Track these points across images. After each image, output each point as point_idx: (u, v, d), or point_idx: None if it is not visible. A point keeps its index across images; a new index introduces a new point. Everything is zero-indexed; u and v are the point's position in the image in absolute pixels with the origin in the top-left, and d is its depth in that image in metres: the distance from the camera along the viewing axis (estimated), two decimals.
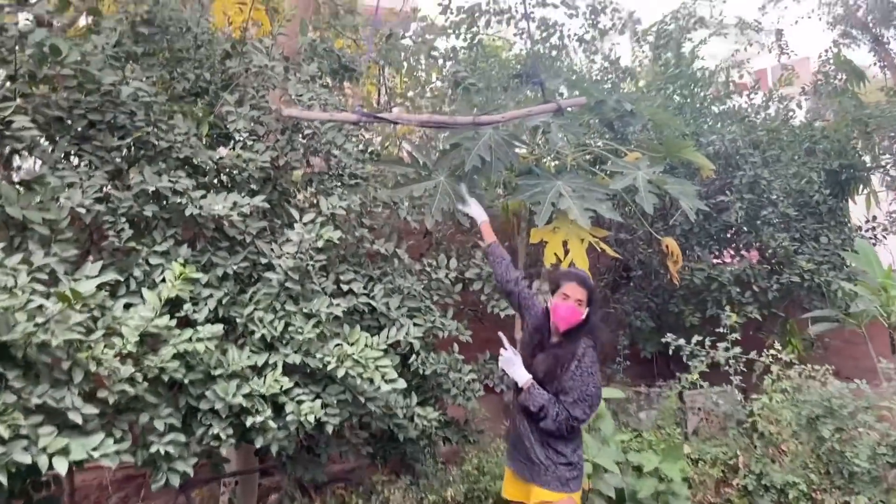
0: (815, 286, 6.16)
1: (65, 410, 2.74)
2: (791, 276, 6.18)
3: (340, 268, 4.50)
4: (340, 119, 3.79)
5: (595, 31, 7.28)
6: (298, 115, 3.76)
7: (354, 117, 3.68)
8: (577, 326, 3.23)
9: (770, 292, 6.32)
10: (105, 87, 3.83)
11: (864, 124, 6.86)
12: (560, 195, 5.20)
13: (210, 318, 3.76)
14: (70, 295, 2.68)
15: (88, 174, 3.74)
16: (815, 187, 6.39)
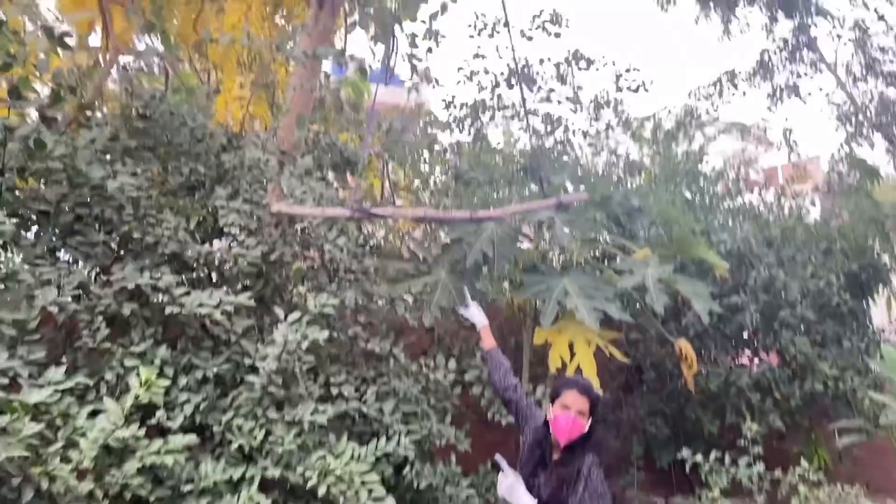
0: (840, 394, 5.78)
1: None
2: (814, 383, 5.82)
3: (331, 369, 4.24)
4: (332, 214, 3.64)
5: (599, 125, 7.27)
6: (288, 211, 3.62)
7: (347, 212, 3.53)
8: (580, 440, 2.92)
9: (793, 400, 5.94)
10: (94, 181, 3.73)
11: (881, 224, 6.64)
12: (566, 293, 4.98)
13: (185, 425, 3.50)
14: (19, 407, 2.44)
15: (69, 270, 3.58)
16: (833, 289, 6.12)
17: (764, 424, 5.74)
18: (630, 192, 5.47)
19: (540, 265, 5.34)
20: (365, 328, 4.70)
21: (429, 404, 4.53)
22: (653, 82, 7.13)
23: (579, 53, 6.92)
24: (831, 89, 9.99)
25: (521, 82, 5.53)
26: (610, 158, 7.49)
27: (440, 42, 6.59)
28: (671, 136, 7.69)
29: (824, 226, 6.85)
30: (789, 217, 6.88)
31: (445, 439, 4.36)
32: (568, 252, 5.59)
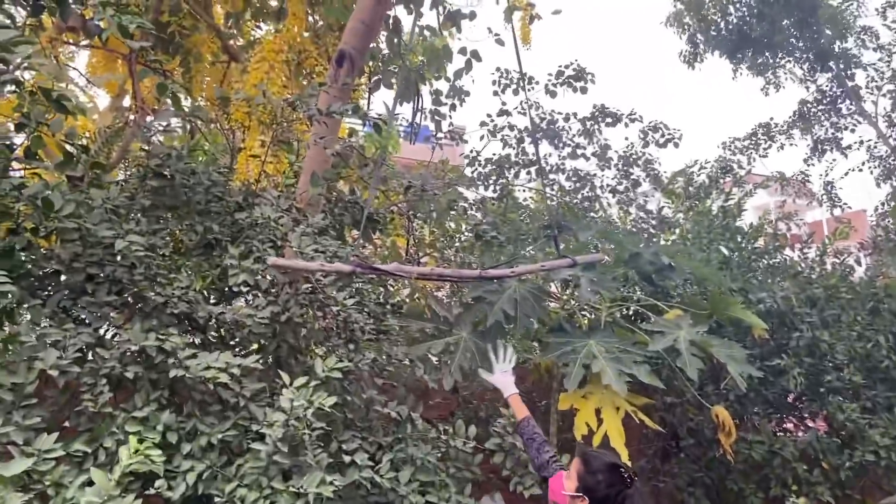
0: (893, 464, 5.35)
1: None
2: (865, 453, 5.41)
3: (344, 435, 4.06)
4: (332, 269, 3.52)
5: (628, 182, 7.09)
6: (283, 265, 3.52)
7: (348, 268, 3.42)
8: None
9: (842, 471, 5.52)
10: (107, 240, 3.69)
11: None
12: (593, 356, 4.75)
13: (187, 495, 3.34)
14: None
15: (77, 331, 3.52)
16: (882, 351, 5.74)
17: (812, 497, 5.33)
18: (661, 248, 5.25)
19: (566, 325, 5.13)
20: (383, 391, 4.53)
21: (448, 473, 4.29)
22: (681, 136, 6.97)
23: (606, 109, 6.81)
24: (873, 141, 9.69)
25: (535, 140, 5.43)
26: (639, 214, 7.29)
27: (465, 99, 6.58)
28: (705, 190, 7.47)
29: (870, 284, 6.50)
30: (833, 275, 6.55)
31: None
32: (595, 312, 5.36)
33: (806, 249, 7.27)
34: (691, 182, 7.65)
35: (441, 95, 5.90)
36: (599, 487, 2.64)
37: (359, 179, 6.21)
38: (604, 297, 5.45)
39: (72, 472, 3.03)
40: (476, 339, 5.03)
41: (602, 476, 2.65)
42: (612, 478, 2.64)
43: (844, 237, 7.34)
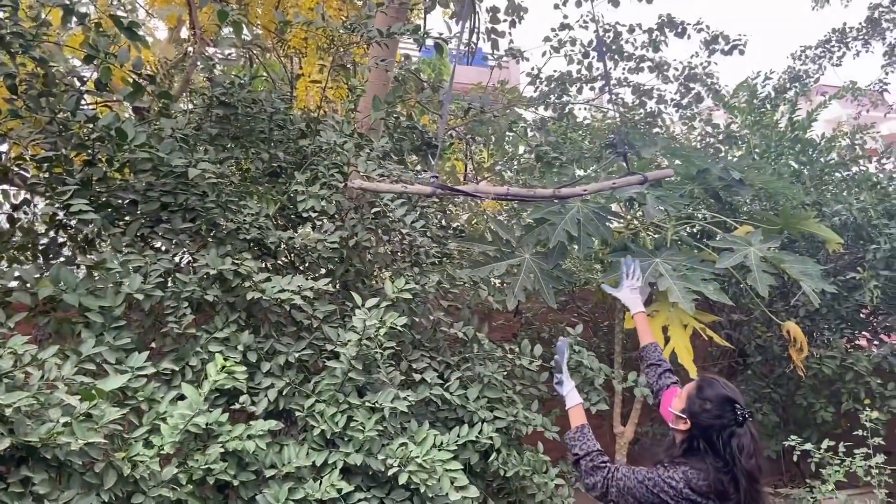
0: None
1: None
2: None
3: (413, 355, 4.17)
4: (413, 191, 3.53)
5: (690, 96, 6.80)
6: (367, 188, 3.54)
7: (428, 190, 3.41)
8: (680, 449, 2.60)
9: None
10: (177, 170, 3.78)
11: None
12: (659, 274, 4.69)
13: (269, 410, 3.51)
14: (95, 393, 2.47)
15: (156, 258, 3.66)
16: None
17: (886, 411, 5.24)
18: (729, 163, 5.08)
19: (630, 245, 5.07)
20: (448, 313, 4.60)
21: (515, 391, 4.38)
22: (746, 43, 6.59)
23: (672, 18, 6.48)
24: None
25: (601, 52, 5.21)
26: (704, 129, 7.02)
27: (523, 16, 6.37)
28: (772, 102, 7.11)
29: None
30: None
31: (532, 427, 4.19)
32: (661, 231, 5.27)
33: (883, 161, 6.93)
34: (755, 95, 7.29)
35: (498, 13, 5.70)
36: (705, 416, 2.48)
37: (417, 104, 6.16)
38: (669, 216, 5.34)
39: (162, 389, 3.21)
40: (538, 261, 5.04)
41: (711, 405, 2.48)
42: (721, 410, 2.46)
43: None
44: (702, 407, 2.47)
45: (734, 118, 7.06)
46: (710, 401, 2.46)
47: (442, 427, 3.83)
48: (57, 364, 2.78)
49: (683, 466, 2.47)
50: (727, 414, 2.42)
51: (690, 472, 2.44)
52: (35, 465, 2.52)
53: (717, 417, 2.43)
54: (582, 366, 4.41)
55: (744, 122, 7.13)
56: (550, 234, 4.76)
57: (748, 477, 2.36)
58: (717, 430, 2.42)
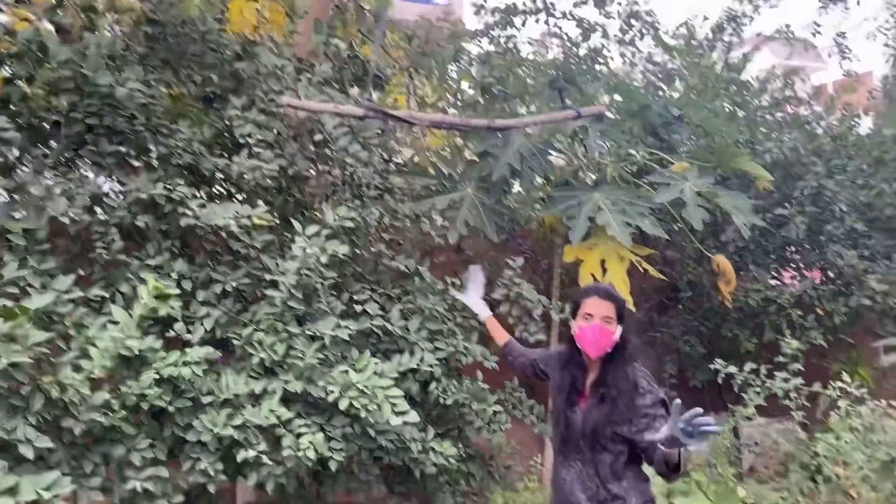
0: (888, 309, 5.52)
1: (16, 443, 2.42)
2: (861, 298, 5.56)
3: (355, 286, 4.14)
4: (345, 112, 3.45)
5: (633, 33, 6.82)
6: (297, 105, 3.44)
7: (360, 111, 3.33)
8: (616, 353, 2.64)
9: (837, 316, 5.70)
10: (104, 89, 3.57)
11: None
12: (598, 208, 4.76)
13: (206, 339, 3.44)
14: (18, 312, 2.36)
15: (82, 181, 3.48)
16: (885, 200, 5.77)
17: (805, 341, 5.53)
18: (669, 101, 5.14)
19: (571, 181, 5.12)
20: (390, 247, 4.57)
21: (455, 323, 4.42)
22: None
23: None
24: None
25: None
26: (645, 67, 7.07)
27: None
28: (708, 43, 7.21)
29: (877, 134, 6.43)
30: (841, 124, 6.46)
31: (472, 357, 4.25)
32: (601, 166, 5.33)
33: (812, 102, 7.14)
34: (693, 35, 7.36)
35: None
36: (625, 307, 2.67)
37: (358, 33, 5.96)
38: (610, 153, 5.40)
39: (91, 315, 3.10)
40: (480, 195, 5.04)
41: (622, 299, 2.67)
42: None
43: (853, 91, 7.20)
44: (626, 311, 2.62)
45: (673, 58, 7.13)
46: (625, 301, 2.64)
47: (383, 358, 3.83)
48: None
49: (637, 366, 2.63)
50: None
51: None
52: None
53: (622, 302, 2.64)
54: (521, 297, 4.48)
55: (682, 62, 7.21)
56: (493, 168, 4.75)
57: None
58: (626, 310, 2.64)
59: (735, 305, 5.78)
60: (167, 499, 3.01)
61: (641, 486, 2.58)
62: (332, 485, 3.88)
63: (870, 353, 6.34)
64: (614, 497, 2.57)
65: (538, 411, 4.51)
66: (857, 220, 5.76)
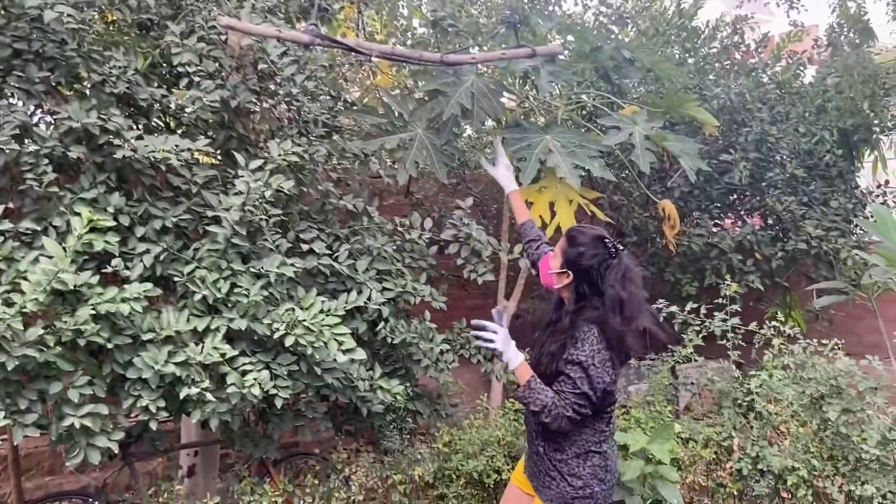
0: (822, 254, 5.73)
1: None
2: (797, 243, 5.75)
3: (301, 225, 4.06)
4: (289, 38, 3.31)
5: None
6: (237, 27, 3.28)
7: (306, 38, 3.20)
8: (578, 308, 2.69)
9: (774, 260, 5.89)
10: (32, 12, 3.34)
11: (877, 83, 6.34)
12: (549, 151, 4.74)
13: (146, 276, 3.34)
14: None
15: (10, 109, 3.28)
16: (825, 147, 5.92)
17: (743, 285, 5.72)
18: (621, 43, 5.11)
19: (522, 123, 5.07)
20: (337, 186, 4.49)
21: (404, 263, 4.40)
22: None
23: None
24: None
25: None
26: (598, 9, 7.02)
27: None
28: None
29: (820, 81, 6.56)
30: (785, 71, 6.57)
31: (420, 297, 4.25)
32: (552, 108, 5.30)
33: (760, 50, 7.22)
34: None
35: None
36: (582, 260, 2.62)
37: None
38: (561, 95, 5.38)
39: (23, 249, 2.97)
40: (431, 136, 4.96)
41: (584, 248, 2.63)
42: (594, 249, 2.61)
43: (798, 40, 7.29)
44: (577, 253, 2.64)
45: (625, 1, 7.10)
46: (583, 245, 2.64)
47: (330, 297, 3.80)
48: None
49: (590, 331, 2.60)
50: (600, 251, 2.60)
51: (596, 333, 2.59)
52: None
53: (593, 257, 2.59)
54: (471, 238, 4.47)
55: (634, 6, 7.18)
56: (444, 107, 4.66)
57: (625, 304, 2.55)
58: (595, 269, 2.58)
59: (678, 250, 5.91)
60: (106, 436, 2.94)
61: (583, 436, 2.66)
62: (279, 423, 3.88)
63: (804, 296, 6.59)
64: (553, 439, 2.68)
65: (485, 352, 4.57)
66: (797, 167, 5.91)
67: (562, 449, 2.68)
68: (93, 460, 2.87)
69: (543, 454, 2.73)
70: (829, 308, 6.31)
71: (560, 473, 2.66)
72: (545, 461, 2.72)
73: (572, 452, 2.67)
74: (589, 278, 2.61)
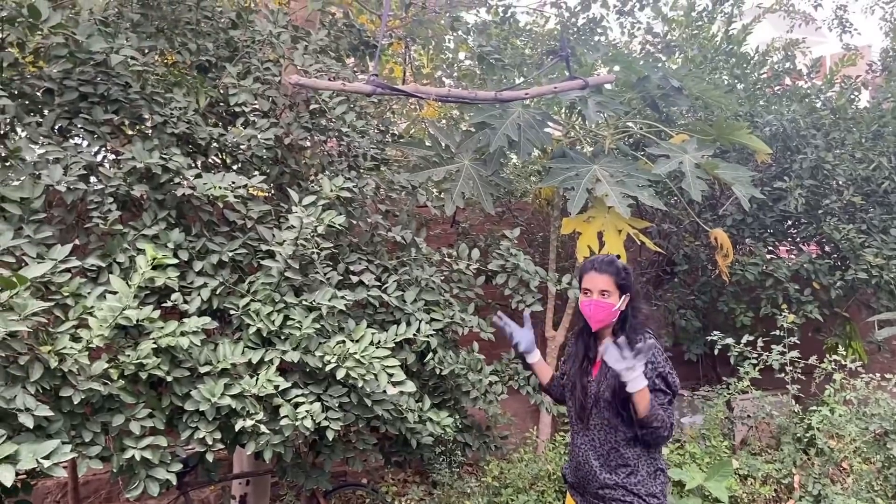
0: (883, 283, 5.54)
1: (15, 412, 2.42)
2: (857, 272, 5.57)
3: (351, 257, 4.12)
4: (352, 90, 3.40)
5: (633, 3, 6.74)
6: (304, 83, 3.39)
7: (368, 88, 3.28)
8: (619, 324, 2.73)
9: (833, 290, 5.71)
10: (98, 56, 3.52)
11: None
12: (596, 180, 4.74)
13: (203, 309, 3.44)
14: (16, 280, 2.35)
15: (77, 150, 3.44)
16: (884, 173, 5.75)
17: (801, 315, 5.56)
18: (668, 72, 5.09)
19: (569, 152, 5.09)
20: (385, 218, 4.55)
21: (452, 294, 4.42)
22: None
23: None
24: None
25: None
26: (645, 38, 7.00)
27: None
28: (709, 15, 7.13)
29: (875, 107, 6.39)
30: (840, 97, 6.42)
31: (468, 328, 4.26)
32: (599, 138, 5.30)
33: (813, 75, 7.09)
34: (693, 7, 7.29)
35: None
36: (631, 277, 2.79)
37: (353, 2, 5.88)
38: (608, 124, 5.37)
39: (88, 285, 3.09)
40: (477, 167, 5.01)
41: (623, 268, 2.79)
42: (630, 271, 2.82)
43: (852, 64, 7.14)
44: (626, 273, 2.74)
45: (672, 29, 7.06)
46: (621, 266, 2.77)
47: (379, 329, 3.84)
48: None
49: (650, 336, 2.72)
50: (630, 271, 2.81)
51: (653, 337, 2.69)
52: None
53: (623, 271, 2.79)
54: (518, 268, 4.48)
55: (681, 34, 7.15)
56: (491, 139, 4.71)
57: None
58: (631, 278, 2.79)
59: (732, 280, 5.79)
60: (165, 467, 3.02)
61: (652, 455, 2.68)
62: (330, 454, 3.91)
63: (864, 327, 6.37)
64: (625, 464, 2.66)
65: (534, 382, 4.53)
66: (854, 194, 5.75)
67: (635, 471, 2.67)
68: (152, 492, 2.95)
69: (615, 485, 2.67)
70: (891, 339, 6.08)
71: (638, 496, 2.64)
72: (618, 490, 2.67)
73: (645, 472, 2.67)
74: (635, 293, 2.79)
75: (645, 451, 2.69)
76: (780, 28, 9.46)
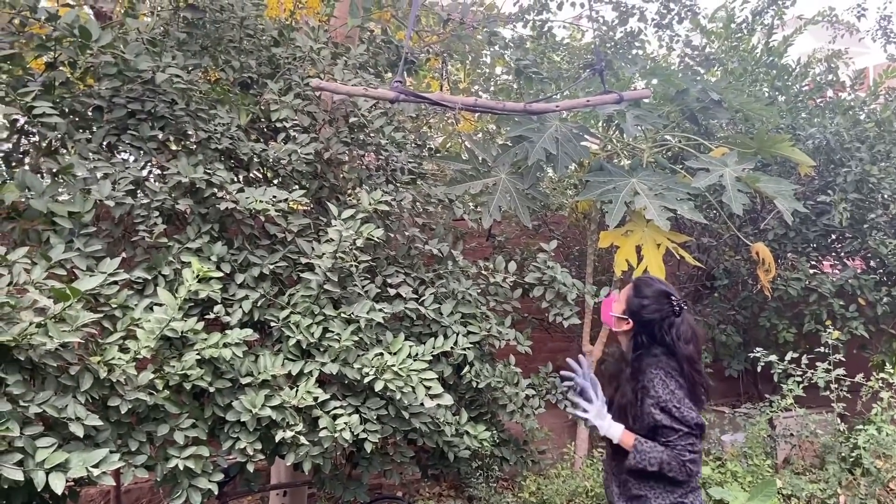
0: None
1: (66, 421, 2.48)
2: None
3: (388, 270, 4.16)
4: (374, 95, 3.43)
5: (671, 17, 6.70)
6: (325, 88, 3.43)
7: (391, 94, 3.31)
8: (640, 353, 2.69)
9: (879, 306, 5.57)
10: (145, 74, 3.63)
11: None
12: (635, 193, 4.71)
13: (245, 321, 3.50)
14: (69, 293, 2.42)
15: (125, 165, 3.54)
16: None
17: (846, 332, 5.42)
18: (708, 85, 5.04)
19: (607, 166, 5.06)
20: (423, 231, 4.58)
21: (488, 307, 4.42)
22: None
23: None
24: None
25: None
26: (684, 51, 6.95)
27: None
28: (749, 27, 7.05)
29: None
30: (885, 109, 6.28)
31: (505, 341, 4.25)
32: (637, 151, 5.26)
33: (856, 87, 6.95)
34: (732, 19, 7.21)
35: None
36: (644, 312, 2.61)
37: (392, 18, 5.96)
38: (646, 137, 5.33)
39: (135, 297, 3.17)
40: (514, 180, 5.01)
41: (648, 301, 2.62)
42: (659, 304, 2.60)
43: None
44: (640, 304, 2.63)
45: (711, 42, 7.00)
46: (648, 297, 2.64)
47: (416, 341, 3.86)
48: (26, 269, 2.72)
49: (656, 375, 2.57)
50: (665, 307, 2.59)
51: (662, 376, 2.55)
52: (7, 366, 2.48)
53: (657, 311, 2.58)
54: (555, 281, 4.45)
55: (721, 46, 7.08)
56: (529, 152, 4.72)
57: (688, 360, 2.54)
58: (657, 323, 2.58)
59: (774, 294, 5.69)
60: (207, 477, 3.06)
61: (670, 487, 2.56)
62: (368, 466, 3.93)
63: None
64: (637, 496, 2.59)
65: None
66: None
67: (673, 490, 2.60)
68: (194, 501, 2.99)
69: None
70: None
71: None
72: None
73: (681, 491, 2.60)
74: (649, 330, 2.60)
75: (659, 484, 2.56)
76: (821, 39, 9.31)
